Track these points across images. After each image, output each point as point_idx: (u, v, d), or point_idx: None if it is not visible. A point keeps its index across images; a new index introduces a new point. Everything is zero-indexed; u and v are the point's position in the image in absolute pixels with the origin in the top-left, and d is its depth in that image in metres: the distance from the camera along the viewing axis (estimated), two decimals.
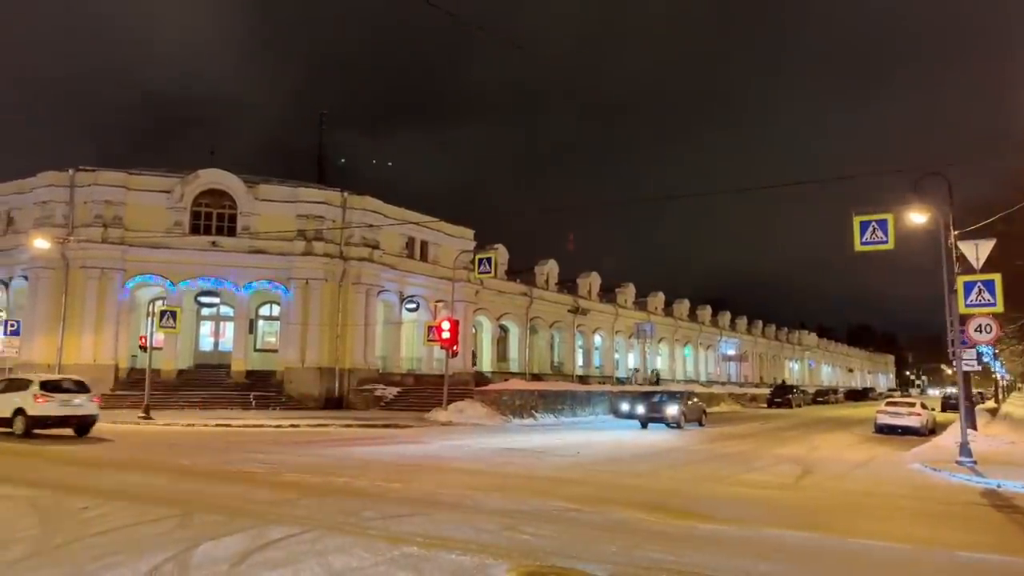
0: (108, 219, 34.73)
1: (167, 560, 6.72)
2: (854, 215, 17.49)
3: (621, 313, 63.23)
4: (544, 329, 54.65)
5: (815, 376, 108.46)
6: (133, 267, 35.08)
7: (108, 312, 34.36)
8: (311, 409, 33.90)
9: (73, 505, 9.53)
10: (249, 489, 11.37)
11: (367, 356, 38.48)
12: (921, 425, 27.41)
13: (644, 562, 7.07)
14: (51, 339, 33.73)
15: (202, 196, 36.54)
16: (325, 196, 38.57)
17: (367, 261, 38.38)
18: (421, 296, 42.10)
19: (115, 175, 35.70)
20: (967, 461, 16.02)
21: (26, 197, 36.24)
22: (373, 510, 9.56)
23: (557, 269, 56.86)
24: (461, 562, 6.85)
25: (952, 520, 10.46)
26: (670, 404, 29.44)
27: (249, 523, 8.42)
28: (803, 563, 7.34)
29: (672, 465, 16.47)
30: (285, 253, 36.50)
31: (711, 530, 8.90)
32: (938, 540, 8.74)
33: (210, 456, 15.91)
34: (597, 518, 9.52)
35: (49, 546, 7.38)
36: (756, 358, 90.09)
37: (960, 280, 16.79)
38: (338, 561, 6.82)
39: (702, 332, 77.87)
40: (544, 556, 7.17)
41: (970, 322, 16.93)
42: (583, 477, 13.78)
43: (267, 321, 39.95)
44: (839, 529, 9.24)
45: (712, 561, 7.14)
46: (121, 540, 7.62)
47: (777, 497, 12.22)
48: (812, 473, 15.58)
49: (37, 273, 34.47)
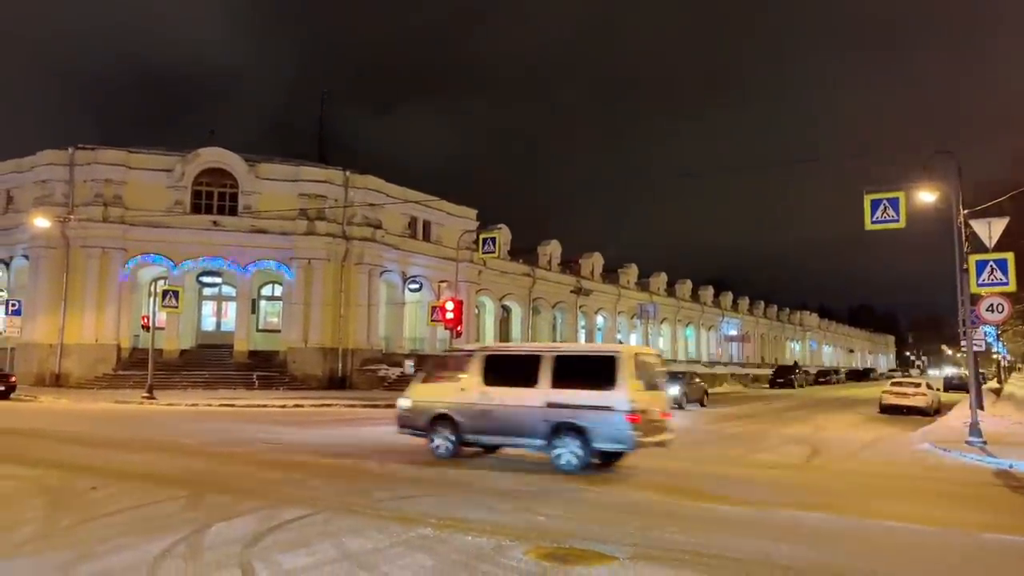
0: (108, 198, 34.46)
1: (178, 542, 6.61)
2: (865, 193, 17.27)
3: (623, 294, 63.10)
4: (547, 310, 54.54)
5: (816, 357, 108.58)
6: (134, 247, 34.85)
7: (110, 292, 34.18)
8: (314, 389, 33.84)
9: (81, 485, 9.43)
10: (257, 469, 11.28)
11: (370, 336, 38.37)
12: (927, 405, 27.38)
13: (662, 543, 6.96)
14: (53, 319, 33.57)
15: (203, 175, 36.24)
16: (327, 175, 38.27)
17: (369, 241, 38.15)
18: (424, 276, 41.90)
19: (115, 153, 35.37)
20: (977, 441, 15.93)
21: (25, 176, 35.95)
22: (383, 490, 9.46)
23: (560, 250, 56.64)
24: (478, 544, 6.74)
25: (968, 501, 10.36)
26: (671, 385, 29.29)
27: (259, 504, 8.32)
28: (823, 545, 7.23)
29: (679, 445, 16.32)
30: (287, 232, 36.26)
31: (726, 511, 8.80)
32: (958, 521, 8.64)
33: (216, 436, 15.83)
34: (609, 499, 9.43)
35: (58, 528, 7.27)
36: (758, 339, 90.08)
37: (972, 259, 16.63)
38: (352, 543, 6.71)
39: (704, 313, 77.77)
40: (561, 538, 7.07)
41: (981, 302, 16.79)
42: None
43: (269, 301, 39.77)
44: (854, 510, 9.14)
45: (731, 543, 7.03)
46: (131, 521, 7.52)
47: (788, 478, 12.14)
48: (821, 453, 15.51)
49: (38, 252, 34.26)
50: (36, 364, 33.11)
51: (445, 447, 12.86)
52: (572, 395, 11.78)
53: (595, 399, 11.54)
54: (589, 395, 11.65)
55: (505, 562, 6.19)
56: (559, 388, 11.91)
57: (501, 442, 12.94)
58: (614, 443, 11.57)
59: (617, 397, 11.38)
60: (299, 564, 6.02)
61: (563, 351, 13.22)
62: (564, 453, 11.67)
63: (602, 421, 11.41)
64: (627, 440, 11.39)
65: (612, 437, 11.45)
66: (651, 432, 11.81)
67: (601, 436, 11.47)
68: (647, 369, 12.50)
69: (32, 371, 32.53)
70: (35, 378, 32.34)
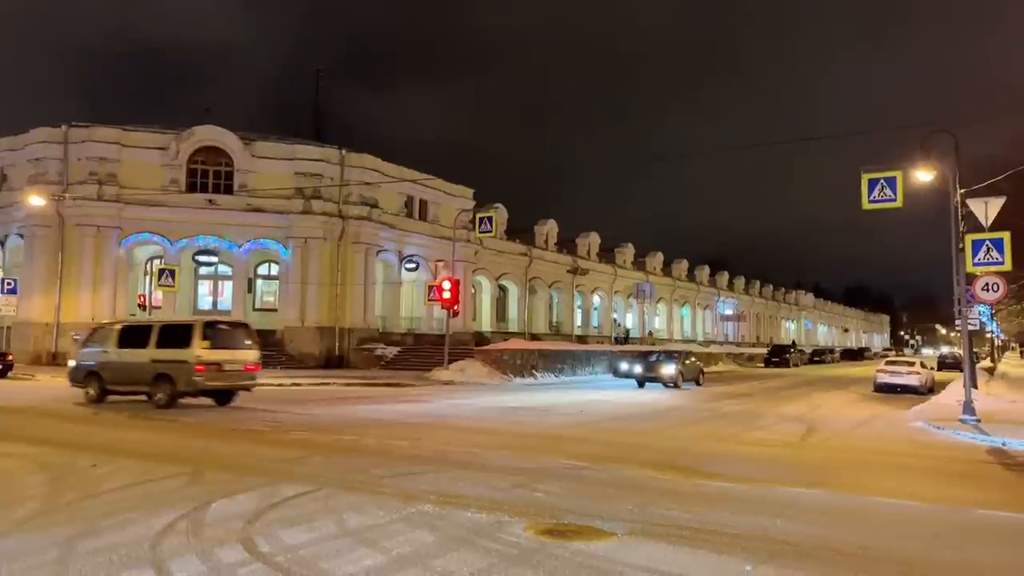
0: (103, 176, 34.31)
1: (181, 517, 6.65)
2: (862, 172, 17.29)
3: (620, 273, 63.20)
4: (543, 289, 54.62)
5: (811, 336, 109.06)
6: (129, 225, 34.76)
7: (105, 270, 34.15)
8: (312, 368, 33.94)
9: (81, 463, 9.47)
10: (257, 447, 11.33)
11: (367, 315, 38.43)
12: (920, 384, 27.56)
13: (660, 520, 7.03)
14: (49, 297, 33.55)
15: (198, 153, 36.07)
16: (323, 154, 38.11)
17: (366, 220, 38.09)
18: (420, 256, 41.88)
19: (109, 131, 35.18)
20: (971, 419, 16.07)
21: (19, 154, 35.74)
22: (383, 468, 9.52)
23: (557, 229, 56.61)
24: (477, 520, 6.79)
25: (962, 478, 10.47)
26: (667, 364, 29.48)
27: (260, 481, 8.37)
28: (820, 520, 7.30)
29: (675, 424, 16.51)
30: (283, 211, 36.18)
31: (723, 488, 8.88)
32: (951, 497, 8.74)
33: (215, 414, 15.88)
34: (607, 476, 9.49)
35: (60, 504, 7.31)
36: (753, 318, 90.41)
37: (968, 238, 16.69)
38: (353, 519, 6.76)
39: (700, 292, 77.97)
40: (559, 514, 7.13)
41: (977, 281, 16.85)
42: (588, 435, 13.79)
43: (266, 280, 39.76)
44: (850, 487, 9.24)
45: (728, 519, 7.10)
46: (132, 497, 7.56)
47: (783, 455, 12.23)
48: (816, 431, 15.62)
49: (33, 231, 34.15)
50: (32, 343, 33.14)
51: (95, 394, 17.48)
52: (165, 353, 16.45)
53: (178, 356, 16.13)
54: (175, 353, 16.22)
55: (505, 538, 6.24)
56: (160, 348, 16.60)
57: (129, 389, 17.36)
58: (188, 387, 16.18)
59: (190, 354, 16.02)
60: (301, 540, 6.06)
61: (164, 322, 18.54)
62: (160, 395, 16.36)
63: (181, 370, 16.03)
64: (196, 384, 16.17)
65: (187, 382, 16.15)
66: (224, 379, 16.72)
67: (182, 382, 16.15)
68: (221, 334, 17.11)
69: (28, 350, 32.56)
70: (31, 357, 32.38)
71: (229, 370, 16.76)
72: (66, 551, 5.67)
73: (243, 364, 17.25)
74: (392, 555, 5.70)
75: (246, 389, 17.71)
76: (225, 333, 17.46)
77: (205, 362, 16.15)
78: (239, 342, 17.51)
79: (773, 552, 6.00)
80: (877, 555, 6.03)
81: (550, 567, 5.48)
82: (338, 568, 5.37)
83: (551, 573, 5.35)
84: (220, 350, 16.62)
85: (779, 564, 5.70)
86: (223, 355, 16.64)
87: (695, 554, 5.90)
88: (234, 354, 16.98)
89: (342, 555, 5.68)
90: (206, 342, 16.33)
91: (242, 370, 17.21)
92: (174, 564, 5.40)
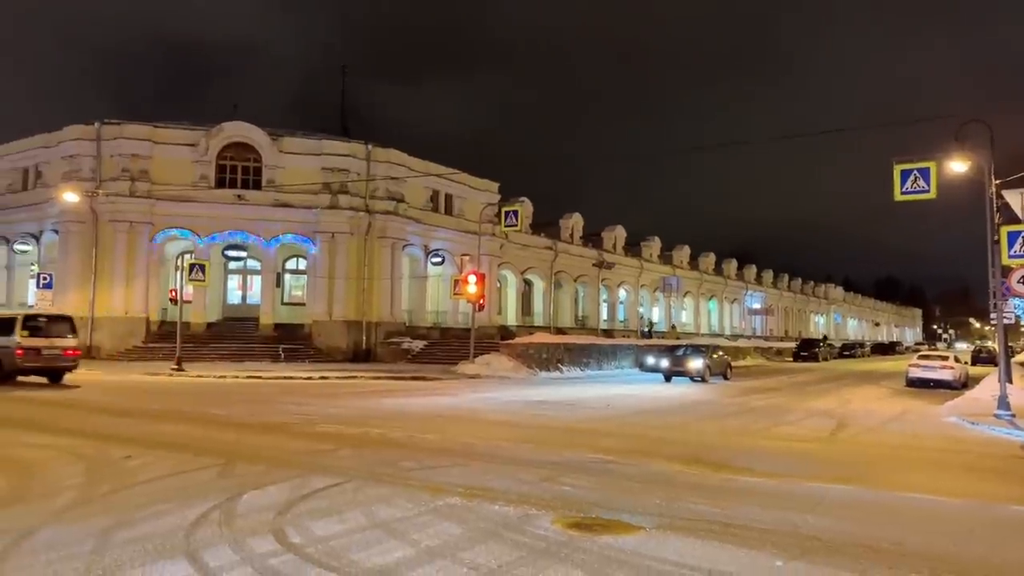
0: (135, 172, 34.84)
1: (213, 508, 6.77)
2: (894, 163, 17.01)
3: (646, 267, 62.81)
4: (569, 283, 54.48)
5: (841, 330, 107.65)
6: (161, 220, 35.29)
7: (138, 265, 34.70)
8: (339, 362, 34.23)
9: (115, 455, 9.66)
10: (286, 440, 11.47)
11: (393, 309, 38.64)
12: (954, 378, 27.07)
13: (688, 514, 7.01)
14: (83, 292, 34.17)
15: (227, 149, 36.47)
16: (350, 148, 38.34)
17: (392, 214, 38.26)
18: (446, 250, 41.99)
19: (140, 128, 35.69)
20: (1006, 414, 15.78)
21: (53, 151, 36.40)
22: (411, 460, 9.59)
23: (582, 223, 56.38)
24: (505, 513, 6.82)
25: (996, 474, 10.30)
26: (694, 358, 29.26)
27: (290, 473, 8.48)
28: (850, 516, 7.23)
29: (702, 418, 16.41)
30: (310, 206, 36.47)
31: (751, 483, 8.82)
32: (985, 494, 8.59)
33: (245, 407, 16.10)
34: (634, 470, 9.47)
35: (97, 494, 7.47)
36: (781, 312, 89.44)
37: (1004, 230, 16.35)
38: (382, 511, 6.83)
39: (728, 286, 77.26)
40: (587, 508, 7.14)
41: (1013, 273, 16.54)
42: (615, 429, 13.76)
43: (294, 275, 40.15)
44: (881, 483, 9.12)
45: (757, 514, 7.06)
46: (166, 488, 7.71)
47: (813, 450, 12.11)
48: (846, 426, 15.44)
49: (67, 227, 34.79)
50: None
51: None
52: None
53: (5, 343, 19.45)
54: (4, 340, 19.48)
55: (532, 531, 6.27)
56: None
57: None
58: (11, 367, 19.55)
59: (12, 341, 19.43)
60: (331, 531, 6.14)
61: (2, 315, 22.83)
62: None
63: (6, 353, 19.42)
64: (17, 364, 19.58)
65: (11, 364, 19.54)
66: (43, 361, 20.09)
67: (8, 364, 19.53)
68: (41, 325, 20.46)
69: None
70: None
71: (47, 354, 20.12)
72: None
73: (62, 349, 20.62)
74: (421, 547, 5.75)
75: (67, 370, 21.01)
76: (45, 324, 20.75)
77: (25, 347, 19.61)
78: (59, 332, 20.73)
79: (804, 548, 5.96)
80: (909, 551, 5.96)
81: (578, 560, 5.49)
82: (368, 559, 5.43)
83: (579, 566, 5.36)
84: (38, 338, 19.99)
85: (810, 560, 5.66)
86: (41, 342, 19.99)
87: (724, 549, 5.87)
88: (52, 341, 20.26)
89: (372, 547, 5.75)
90: (25, 331, 19.82)
91: (61, 354, 20.56)
92: (207, 554, 5.50)
